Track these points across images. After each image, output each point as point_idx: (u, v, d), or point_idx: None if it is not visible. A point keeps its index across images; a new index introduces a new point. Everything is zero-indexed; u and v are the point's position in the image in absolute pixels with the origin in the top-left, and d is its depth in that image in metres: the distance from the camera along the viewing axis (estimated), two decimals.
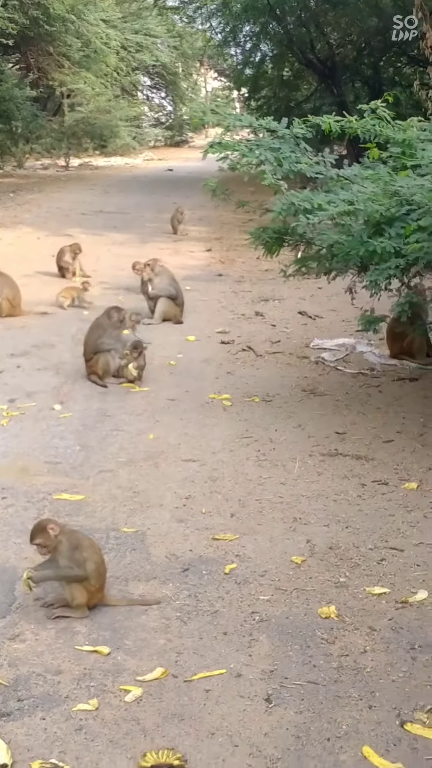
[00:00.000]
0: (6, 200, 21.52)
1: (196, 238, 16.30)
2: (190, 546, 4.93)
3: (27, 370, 8.25)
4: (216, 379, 8.09)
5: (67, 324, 9.92)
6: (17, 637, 4.03)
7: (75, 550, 4.23)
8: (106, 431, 6.73)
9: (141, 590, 4.47)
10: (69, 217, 18.54)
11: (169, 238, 16.26)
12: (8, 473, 5.90)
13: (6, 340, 9.27)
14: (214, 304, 11.12)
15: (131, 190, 24.51)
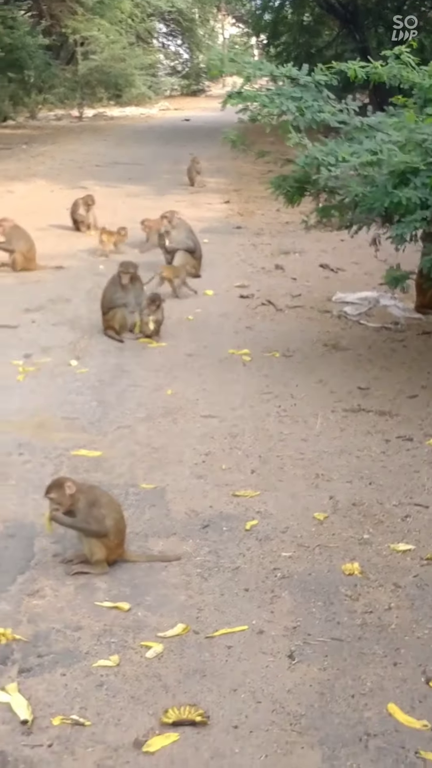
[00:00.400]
0: (19, 152, 21.39)
1: (213, 190, 16.18)
2: (210, 502, 4.94)
3: (42, 325, 8.24)
4: (235, 333, 8.06)
5: (83, 278, 9.89)
6: (36, 593, 4.06)
7: (93, 507, 4.24)
8: (124, 387, 6.73)
9: (161, 546, 4.49)
10: (83, 169, 18.43)
11: (186, 190, 16.14)
12: (25, 429, 5.91)
13: (21, 294, 9.25)
14: (232, 257, 11.06)
15: (147, 141, 24.31)
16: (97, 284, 9.20)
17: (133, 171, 18.32)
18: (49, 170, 18.31)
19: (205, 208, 14.30)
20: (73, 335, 7.97)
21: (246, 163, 17.51)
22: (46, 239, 11.57)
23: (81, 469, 5.31)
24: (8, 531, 4.60)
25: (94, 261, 10.65)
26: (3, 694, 3.40)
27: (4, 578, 4.17)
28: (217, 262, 10.74)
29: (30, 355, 7.37)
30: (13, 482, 5.15)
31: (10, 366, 7.11)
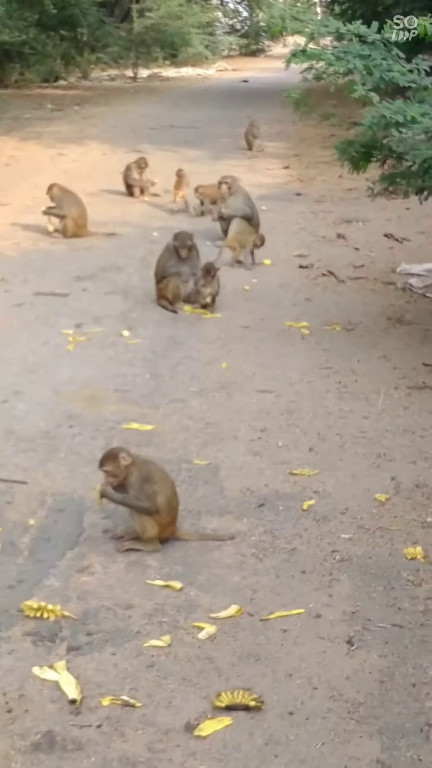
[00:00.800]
0: (70, 113, 21.43)
1: (272, 155, 16.06)
2: (266, 480, 4.94)
3: (94, 294, 8.28)
4: (293, 305, 8.02)
5: (136, 246, 9.90)
6: (86, 570, 4.10)
7: (145, 482, 4.26)
8: (177, 359, 6.74)
9: (214, 525, 4.50)
10: (137, 132, 18.40)
11: (244, 155, 16.05)
12: (75, 401, 5.96)
13: (71, 262, 9.30)
14: (292, 225, 10.98)
15: (203, 103, 24.19)
16: (151, 252, 9.20)
17: (189, 134, 18.26)
18: (102, 133, 18.32)
19: (263, 173, 14.21)
20: (125, 305, 7.99)
21: (307, 126, 17.35)
22: (98, 204, 11.59)
23: (132, 443, 5.32)
24: (57, 505, 4.65)
25: (148, 227, 10.66)
26: (51, 672, 3.44)
27: (52, 553, 4.22)
28: (275, 230, 10.66)
29: (81, 325, 7.41)
30: (63, 455, 5.20)
31: (61, 335, 7.16)
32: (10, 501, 4.68)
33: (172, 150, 16.00)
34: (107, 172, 13.76)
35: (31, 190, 12.24)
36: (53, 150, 16.06)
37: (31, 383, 6.25)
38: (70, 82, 30.06)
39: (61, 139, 17.17)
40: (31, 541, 4.33)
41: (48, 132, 18.07)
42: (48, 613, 3.76)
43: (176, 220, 10.99)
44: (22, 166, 14.51)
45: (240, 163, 14.90)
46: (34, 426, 5.58)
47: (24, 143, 16.77)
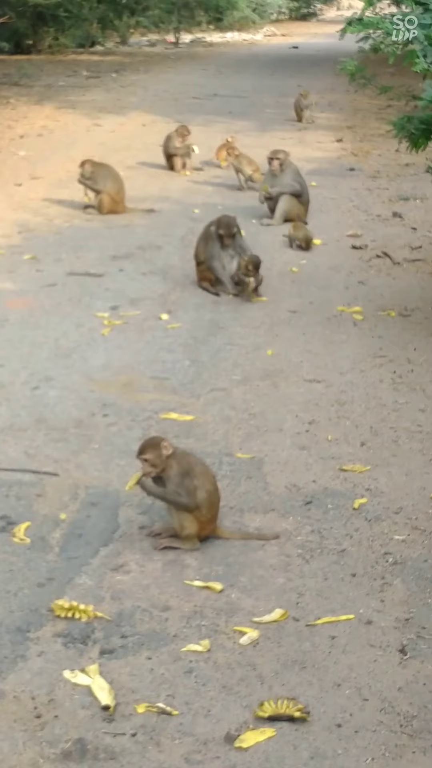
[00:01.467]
0: (108, 81, 21.48)
1: (324, 127, 15.99)
2: (314, 476, 4.93)
3: (131, 275, 8.30)
4: (345, 289, 7.99)
5: (176, 223, 9.91)
6: (121, 568, 4.12)
7: (185, 476, 4.27)
8: (219, 345, 6.75)
9: (258, 523, 4.50)
10: (179, 102, 18.41)
11: (293, 126, 16.00)
12: (111, 388, 5.99)
13: (107, 240, 9.33)
14: (344, 202, 10.93)
15: (250, 71, 24.13)
16: (191, 230, 9.21)
17: (234, 104, 18.23)
18: (141, 102, 18.35)
19: (314, 146, 14.16)
20: (164, 286, 8.01)
21: (362, 96, 17.25)
22: (136, 179, 11.62)
23: (171, 434, 5.33)
24: (90, 499, 4.68)
25: (189, 204, 10.66)
26: (83, 676, 3.47)
27: (85, 550, 4.24)
28: (326, 207, 10.63)
29: (117, 308, 7.44)
30: (97, 446, 5.23)
31: (95, 318, 7.20)
32: (40, 494, 4.72)
33: (215, 121, 16.00)
34: (146, 144, 13.78)
35: (64, 163, 12.31)
36: (89, 120, 16.12)
37: (64, 369, 6.29)
38: (108, 47, 30.15)
39: (97, 109, 17.24)
40: (62, 536, 4.36)
41: (83, 101, 18.13)
42: (80, 613, 3.78)
43: (220, 195, 10.99)
44: (56, 138, 14.58)
45: (289, 136, 14.86)
46: (66, 414, 5.62)
47: (58, 113, 16.85)
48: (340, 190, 11.52)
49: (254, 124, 15.94)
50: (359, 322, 7.20)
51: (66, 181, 11.41)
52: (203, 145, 12.96)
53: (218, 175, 12.15)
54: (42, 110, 17.06)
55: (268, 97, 19.09)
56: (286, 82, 21.00)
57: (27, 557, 4.20)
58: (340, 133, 15.39)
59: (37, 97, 18.38)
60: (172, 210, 10.49)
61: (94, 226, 9.84)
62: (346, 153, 13.83)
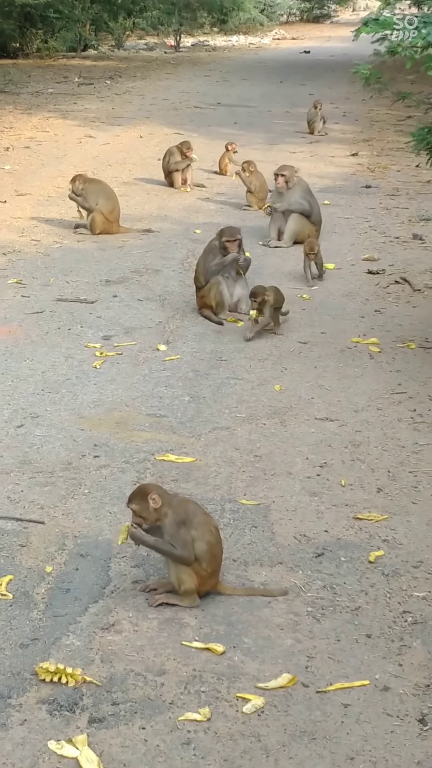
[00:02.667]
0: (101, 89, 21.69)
1: (338, 140, 16.12)
2: (326, 526, 4.93)
3: (125, 301, 8.34)
4: (361, 318, 8.02)
5: (175, 245, 9.97)
6: (112, 627, 4.11)
7: (182, 526, 4.27)
8: (222, 379, 6.77)
9: (264, 577, 4.50)
10: (179, 112, 18.59)
11: (304, 140, 16.13)
12: (102, 427, 6.00)
13: (100, 263, 9.38)
14: (359, 223, 11.00)
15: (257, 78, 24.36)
16: (192, 252, 9.27)
17: (240, 114, 18.39)
18: (138, 112, 18.52)
19: (326, 161, 14.27)
20: (163, 314, 8.04)
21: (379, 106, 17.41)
22: (132, 196, 11.71)
23: (168, 477, 5.35)
24: (80, 549, 4.67)
25: (190, 223, 10.72)
26: (70, 747, 3.45)
27: (73, 607, 4.24)
28: (340, 228, 10.69)
29: (110, 337, 7.48)
30: (87, 490, 5.24)
31: (86, 349, 7.22)
32: (24, 544, 4.72)
33: (219, 132, 16.13)
34: (143, 158, 13.90)
35: (54, 179, 12.43)
36: (80, 131, 16.27)
37: (51, 405, 6.31)
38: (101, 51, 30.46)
39: (89, 119, 17.39)
40: (47, 591, 4.36)
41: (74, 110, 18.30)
42: (67, 677, 3.77)
43: (224, 214, 11.06)
44: (45, 150, 14.71)
45: (299, 149, 14.99)
46: (53, 455, 5.63)
47: (46, 123, 17.00)
48: (355, 209, 11.58)
49: (261, 137, 16.07)
50: (376, 354, 7.22)
51: (55, 198, 11.51)
52: (206, 158, 13.08)
53: (222, 192, 12.24)
54: (29, 120, 17.21)
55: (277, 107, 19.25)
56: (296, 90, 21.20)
57: (9, 614, 4.20)
58: (355, 147, 15.51)
59: (25, 106, 18.55)
60: (171, 230, 10.56)
61: (86, 247, 9.90)
62: (362, 168, 13.93)
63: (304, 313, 8.15)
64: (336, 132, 16.71)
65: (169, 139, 14.38)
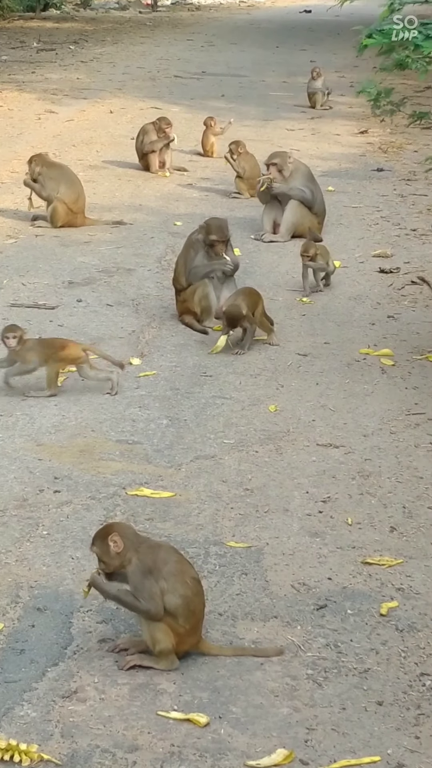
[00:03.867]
0: (65, 55, 21.73)
1: (344, 115, 16.18)
2: (329, 572, 4.92)
3: (92, 306, 8.34)
4: (370, 325, 8.04)
5: (152, 240, 9.99)
6: (74, 695, 4.09)
7: (147, 577, 4.24)
8: (206, 399, 6.77)
9: (255, 634, 4.48)
10: (156, 82, 18.64)
11: (304, 114, 16.18)
12: (64, 456, 5.98)
13: (63, 261, 9.38)
14: (370, 213, 11.03)
15: (248, 42, 24.45)
16: (172, 248, 9.28)
17: (229, 85, 18.45)
18: (108, 82, 18.56)
19: (331, 140, 14.31)
20: (136, 322, 8.05)
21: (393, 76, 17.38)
22: (101, 182, 11.73)
23: (142, 515, 5.34)
24: (36, 602, 4.65)
25: (169, 214, 10.74)
26: None
27: (29, 671, 4.21)
28: (347, 219, 10.72)
29: None
30: (45, 532, 5.22)
31: None
32: None
33: (204, 107, 16.15)
34: (114, 138, 13.92)
35: (7, 162, 12.43)
36: (40, 105, 16.29)
37: (3, 431, 6.30)
38: (65, 11, 30.55)
39: (50, 91, 17.42)
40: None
41: (33, 80, 18.34)
42: (21, 755, 3.75)
43: (209, 203, 11.08)
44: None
45: (299, 126, 15.04)
46: (5, 490, 5.61)
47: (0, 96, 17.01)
48: (364, 196, 11.62)
49: (254, 112, 16.12)
50: (389, 368, 7.23)
51: (9, 184, 11.52)
52: (187, 137, 13.11)
53: (207, 177, 12.27)
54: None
55: (272, 77, 19.33)
56: (295, 56, 21.28)
57: None
58: (364, 123, 15.55)
59: None
60: (146, 222, 10.57)
61: (45, 243, 9.90)
62: (372, 148, 13.99)
63: (305, 319, 8.16)
64: (342, 106, 16.77)
65: (144, 114, 14.40)
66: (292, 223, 9.99)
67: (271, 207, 10.08)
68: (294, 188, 9.95)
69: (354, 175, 12.46)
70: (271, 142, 10.95)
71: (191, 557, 4.68)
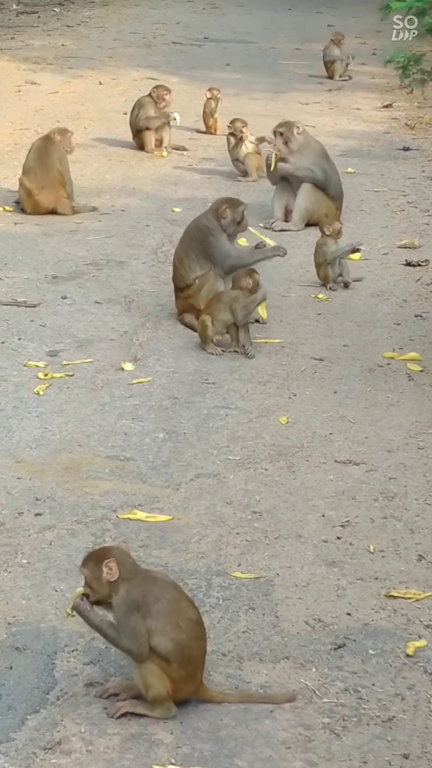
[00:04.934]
0: (48, 19, 21.75)
1: (366, 86, 16.18)
2: (348, 607, 4.92)
3: (79, 304, 8.34)
4: (396, 326, 8.05)
5: (147, 228, 9.98)
6: (58, 746, 4.08)
7: (133, 613, 4.22)
8: (209, 409, 6.77)
9: (264, 677, 4.47)
10: (152, 50, 18.64)
11: (321, 86, 16.18)
12: (47, 474, 5.97)
13: (45, 253, 9.38)
14: (395, 198, 11.03)
15: (257, 4, 24.46)
16: (170, 238, 9.28)
17: (234, 53, 18.45)
18: (97, 50, 18.56)
19: (351, 115, 14.31)
20: (129, 321, 8.04)
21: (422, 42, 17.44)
22: (89, 163, 11.73)
23: (135, 541, 5.33)
24: (15, 641, 4.64)
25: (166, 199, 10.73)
26: None
27: (6, 719, 4.21)
28: (368, 205, 10.71)
29: (57, 353, 7.47)
30: (25, 560, 5.21)
31: (25, 370, 7.21)
32: None
33: (207, 77, 16.13)
34: (104, 112, 13.92)
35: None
36: (19, 75, 16.29)
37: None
38: None
39: (32, 60, 17.43)
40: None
41: (12, 47, 18.35)
42: None
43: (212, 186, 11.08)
44: None
45: (314, 99, 15.04)
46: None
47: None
48: (389, 179, 11.62)
49: (263, 83, 16.12)
50: (416, 374, 7.23)
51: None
52: (188, 112, 13.09)
53: (209, 157, 12.27)
54: None
55: (284, 43, 19.33)
56: (310, 20, 21.30)
57: None
58: (389, 96, 15.56)
59: None
60: (140, 208, 10.57)
61: (26, 231, 9.90)
62: (398, 125, 13.98)
63: (321, 319, 8.16)
64: (363, 76, 16.77)
65: (138, 86, 14.40)
66: (306, 210, 9.97)
67: (282, 191, 10.07)
68: (301, 167, 9.91)
69: (377, 155, 12.45)
70: (283, 117, 10.89)
71: (191, 589, 4.68)
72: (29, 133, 10.84)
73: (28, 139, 11.41)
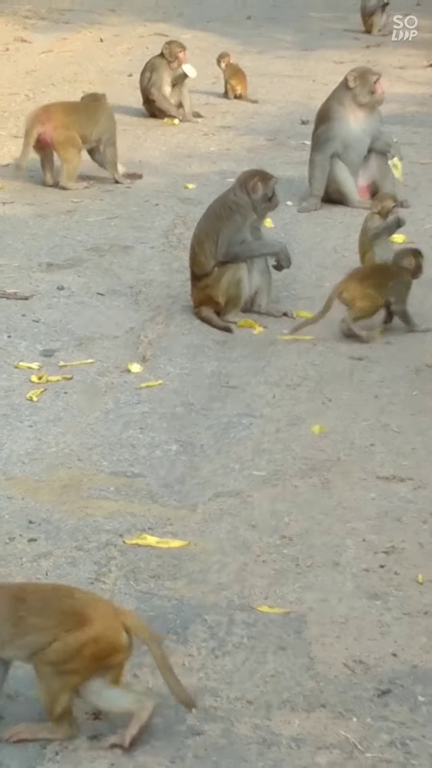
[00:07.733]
0: None
1: (409, 43, 16.17)
2: (394, 646, 4.91)
3: (78, 296, 8.35)
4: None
5: (156, 207, 10.00)
6: None
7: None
8: (229, 417, 6.77)
9: (296, 729, 4.46)
10: (161, 0, 18.65)
11: (357, 42, 16.20)
12: (41, 493, 5.97)
13: (39, 236, 9.40)
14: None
15: None
16: (183, 219, 9.29)
17: (256, 3, 18.46)
18: (97, 1, 18.58)
19: (392, 75, 14.30)
20: (136, 316, 8.05)
21: None
22: None
23: (145, 571, 5.32)
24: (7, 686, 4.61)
25: (179, 174, 10.74)
26: None
27: None
28: (413, 179, 10.72)
29: (53, 353, 7.48)
30: None
31: (16, 372, 7.23)
32: None
33: (225, 32, 16.17)
34: (106, 73, 13.95)
35: None
36: (8, 32, 16.34)
37: None
38: None
39: (21, 14, 17.49)
40: None
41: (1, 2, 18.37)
42: None
43: (231, 159, 11.08)
44: None
45: (350, 57, 15.03)
46: None
47: None
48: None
49: (291, 39, 16.15)
50: None
51: None
52: (204, 74, 13.10)
53: (228, 125, 12.26)
54: None
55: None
56: None
57: None
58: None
59: None
60: (149, 185, 10.59)
61: (16, 212, 9.93)
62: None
63: None
64: (407, 30, 16.77)
65: (144, 43, 14.44)
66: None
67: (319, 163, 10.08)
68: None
69: (423, 122, 12.46)
70: (313, 78, 10.93)
71: (210, 626, 4.66)
72: (19, 98, 10.82)
73: (17, 105, 11.41)
